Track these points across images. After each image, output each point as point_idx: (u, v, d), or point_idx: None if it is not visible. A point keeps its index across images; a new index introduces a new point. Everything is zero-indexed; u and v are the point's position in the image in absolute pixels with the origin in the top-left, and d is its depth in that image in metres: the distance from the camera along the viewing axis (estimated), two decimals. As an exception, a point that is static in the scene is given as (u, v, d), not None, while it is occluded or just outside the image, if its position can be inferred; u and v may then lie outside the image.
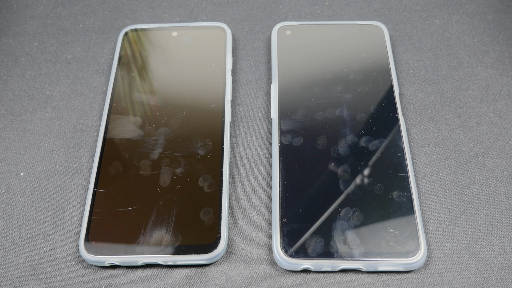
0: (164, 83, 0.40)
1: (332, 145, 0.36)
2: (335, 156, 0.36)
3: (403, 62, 0.42)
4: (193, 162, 0.36)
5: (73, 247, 0.34)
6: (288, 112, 0.38)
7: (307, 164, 0.35)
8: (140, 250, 0.32)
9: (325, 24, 0.43)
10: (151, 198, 0.34)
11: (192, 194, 0.34)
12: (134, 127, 0.38)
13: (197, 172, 0.35)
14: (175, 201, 0.34)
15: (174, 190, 0.34)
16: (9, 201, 0.36)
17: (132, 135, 0.37)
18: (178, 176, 0.35)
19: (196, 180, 0.35)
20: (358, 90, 0.39)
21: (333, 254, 0.32)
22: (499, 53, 0.42)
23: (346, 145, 0.36)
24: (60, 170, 0.37)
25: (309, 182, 0.34)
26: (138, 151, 0.36)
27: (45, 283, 0.33)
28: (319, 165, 0.35)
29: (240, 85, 0.42)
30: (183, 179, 0.35)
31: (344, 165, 0.35)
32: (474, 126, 0.39)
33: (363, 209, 0.33)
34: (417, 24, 0.45)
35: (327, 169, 0.35)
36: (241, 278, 0.33)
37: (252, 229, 0.35)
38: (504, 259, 0.33)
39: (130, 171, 0.36)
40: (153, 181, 0.35)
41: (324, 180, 0.35)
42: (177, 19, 0.46)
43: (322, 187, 0.34)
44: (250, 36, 0.45)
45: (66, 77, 0.42)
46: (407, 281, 0.32)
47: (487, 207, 0.35)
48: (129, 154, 0.36)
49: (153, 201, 0.34)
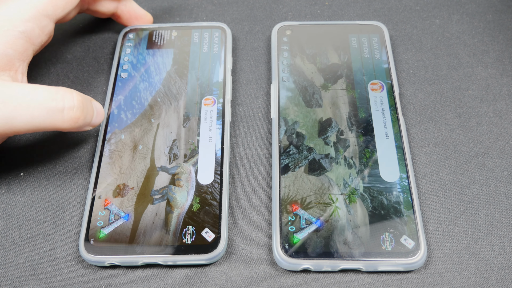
0: (164, 82, 0.40)
1: (332, 144, 0.36)
2: (335, 156, 0.36)
3: (403, 62, 0.42)
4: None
5: (73, 247, 0.34)
6: (288, 112, 0.38)
7: (307, 164, 0.35)
8: (140, 250, 0.32)
9: (325, 24, 0.43)
10: (151, 198, 0.34)
11: (194, 192, 0.34)
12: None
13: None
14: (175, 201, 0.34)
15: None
16: (9, 201, 0.36)
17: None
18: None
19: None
20: (358, 90, 0.39)
21: (333, 254, 0.32)
22: (499, 53, 0.42)
23: (346, 145, 0.36)
24: (60, 170, 0.37)
25: (308, 181, 0.34)
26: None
27: (45, 283, 0.33)
28: (318, 165, 0.35)
29: (240, 85, 0.42)
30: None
31: (344, 165, 0.35)
32: (474, 126, 0.39)
33: (363, 209, 0.33)
34: (417, 24, 0.45)
35: (327, 169, 0.35)
36: (241, 278, 0.33)
37: (252, 229, 0.35)
38: (504, 259, 0.33)
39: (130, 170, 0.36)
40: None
41: (324, 180, 0.35)
42: (177, 19, 0.46)
43: (321, 187, 0.34)
44: (250, 36, 0.45)
45: (66, 77, 0.42)
46: (407, 281, 0.32)
47: (487, 207, 0.35)
48: (129, 153, 0.36)
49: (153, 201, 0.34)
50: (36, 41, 0.35)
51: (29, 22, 0.34)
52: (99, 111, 0.34)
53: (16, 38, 0.34)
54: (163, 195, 0.34)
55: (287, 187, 0.34)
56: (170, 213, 0.33)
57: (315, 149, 0.36)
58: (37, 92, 0.31)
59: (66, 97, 0.32)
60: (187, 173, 0.35)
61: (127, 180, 0.35)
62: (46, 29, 0.36)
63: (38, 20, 0.35)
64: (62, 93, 0.32)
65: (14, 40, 0.34)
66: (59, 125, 0.32)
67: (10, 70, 0.34)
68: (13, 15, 0.34)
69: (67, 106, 0.31)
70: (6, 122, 0.31)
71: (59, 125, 0.32)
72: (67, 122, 0.32)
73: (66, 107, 0.31)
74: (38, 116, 0.31)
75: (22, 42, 0.34)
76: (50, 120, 0.31)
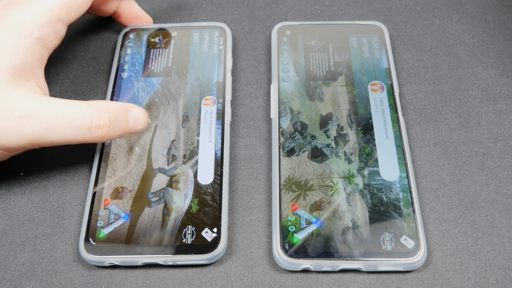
0: (163, 83, 0.40)
1: (333, 138, 0.36)
2: (336, 149, 0.36)
3: (403, 62, 0.42)
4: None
5: (73, 247, 0.34)
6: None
7: (306, 163, 0.35)
8: (140, 250, 0.32)
9: (325, 24, 0.43)
10: (149, 201, 0.34)
11: (192, 193, 0.34)
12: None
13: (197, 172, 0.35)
14: (175, 201, 0.34)
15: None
16: (9, 201, 0.36)
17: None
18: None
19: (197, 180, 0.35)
20: (358, 90, 0.39)
21: (333, 254, 0.32)
22: (499, 53, 0.42)
23: (346, 139, 0.36)
24: (60, 170, 0.37)
25: (308, 182, 0.34)
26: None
27: (45, 283, 0.33)
28: (317, 164, 0.35)
29: (240, 85, 0.42)
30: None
31: (344, 159, 0.35)
32: (474, 126, 0.39)
33: (363, 209, 0.33)
34: (417, 24, 0.45)
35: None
36: (241, 278, 0.33)
37: (252, 229, 0.35)
38: (504, 259, 0.33)
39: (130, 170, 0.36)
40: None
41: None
42: (177, 19, 0.46)
43: (321, 186, 0.34)
44: (250, 36, 0.45)
45: (66, 77, 0.42)
46: (407, 281, 0.32)
47: (487, 207, 0.35)
48: (129, 153, 0.36)
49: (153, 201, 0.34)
50: (50, 46, 0.35)
51: (44, 27, 0.34)
52: (137, 119, 0.34)
53: (34, 44, 0.34)
54: (160, 197, 0.34)
55: (292, 168, 0.35)
56: (167, 216, 0.33)
57: (317, 137, 0.36)
58: (68, 110, 0.31)
59: (94, 115, 0.32)
60: (185, 175, 0.35)
61: (124, 183, 0.35)
62: (60, 33, 0.35)
63: (53, 25, 0.35)
64: (92, 111, 0.32)
65: (33, 47, 0.34)
66: (89, 140, 0.33)
67: (34, 79, 0.34)
68: (29, 20, 0.34)
69: (94, 125, 0.32)
70: (39, 137, 0.31)
71: (89, 140, 0.32)
72: (95, 138, 0.32)
73: (93, 125, 0.32)
74: (69, 133, 0.32)
75: (39, 48, 0.34)
76: (80, 137, 0.32)
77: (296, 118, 0.37)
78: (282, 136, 0.36)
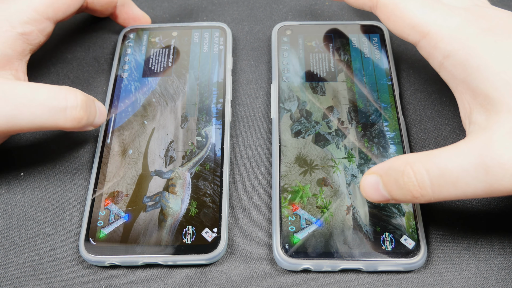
0: (161, 83, 0.40)
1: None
2: (335, 156, 0.36)
3: (403, 62, 0.42)
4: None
5: (73, 247, 0.34)
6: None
7: (306, 164, 0.35)
8: (140, 250, 0.32)
9: (325, 24, 0.43)
10: (144, 205, 0.34)
11: (192, 194, 0.34)
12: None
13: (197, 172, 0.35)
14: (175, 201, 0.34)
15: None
16: (9, 201, 0.36)
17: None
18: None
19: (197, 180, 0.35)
20: (358, 90, 0.39)
21: (333, 254, 0.32)
22: (499, 53, 0.42)
23: (346, 144, 0.36)
24: (60, 170, 0.37)
25: (308, 182, 0.35)
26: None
27: (45, 283, 0.33)
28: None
29: (240, 85, 0.42)
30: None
31: (343, 164, 0.35)
32: (474, 126, 0.39)
33: (363, 209, 0.33)
34: (417, 24, 0.45)
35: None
36: (241, 278, 0.33)
37: (252, 229, 0.35)
38: (504, 259, 0.33)
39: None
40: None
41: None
42: (177, 19, 0.46)
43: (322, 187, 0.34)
44: (250, 36, 0.45)
45: (66, 77, 0.42)
46: (407, 281, 0.32)
47: (487, 207, 0.35)
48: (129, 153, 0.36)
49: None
50: (34, 42, 0.36)
51: (28, 24, 0.35)
52: (101, 111, 0.34)
53: (14, 39, 0.34)
54: (156, 202, 0.34)
55: (300, 148, 0.36)
56: (165, 220, 0.33)
57: (320, 124, 0.37)
58: (40, 91, 0.31)
59: (69, 96, 0.31)
60: (182, 178, 0.35)
61: (118, 186, 0.35)
62: (46, 31, 0.36)
63: (37, 23, 0.35)
64: (65, 92, 0.32)
65: (13, 40, 0.34)
66: (62, 124, 0.32)
67: (11, 70, 0.34)
68: (12, 16, 0.34)
69: (69, 105, 0.31)
70: (8, 120, 0.31)
71: (62, 124, 0.32)
72: (69, 122, 0.32)
73: (69, 106, 0.31)
74: (41, 115, 0.31)
75: (20, 42, 0.35)
76: (52, 119, 0.31)
77: (302, 105, 0.38)
78: (290, 119, 0.37)
